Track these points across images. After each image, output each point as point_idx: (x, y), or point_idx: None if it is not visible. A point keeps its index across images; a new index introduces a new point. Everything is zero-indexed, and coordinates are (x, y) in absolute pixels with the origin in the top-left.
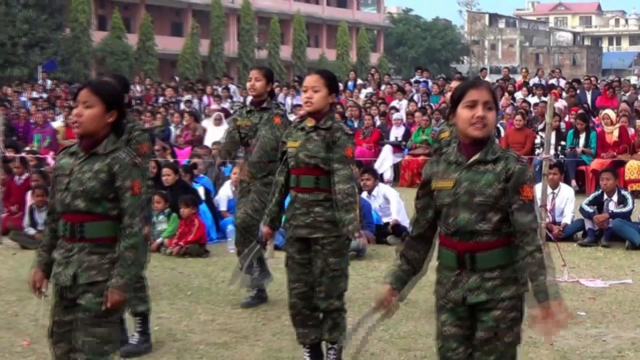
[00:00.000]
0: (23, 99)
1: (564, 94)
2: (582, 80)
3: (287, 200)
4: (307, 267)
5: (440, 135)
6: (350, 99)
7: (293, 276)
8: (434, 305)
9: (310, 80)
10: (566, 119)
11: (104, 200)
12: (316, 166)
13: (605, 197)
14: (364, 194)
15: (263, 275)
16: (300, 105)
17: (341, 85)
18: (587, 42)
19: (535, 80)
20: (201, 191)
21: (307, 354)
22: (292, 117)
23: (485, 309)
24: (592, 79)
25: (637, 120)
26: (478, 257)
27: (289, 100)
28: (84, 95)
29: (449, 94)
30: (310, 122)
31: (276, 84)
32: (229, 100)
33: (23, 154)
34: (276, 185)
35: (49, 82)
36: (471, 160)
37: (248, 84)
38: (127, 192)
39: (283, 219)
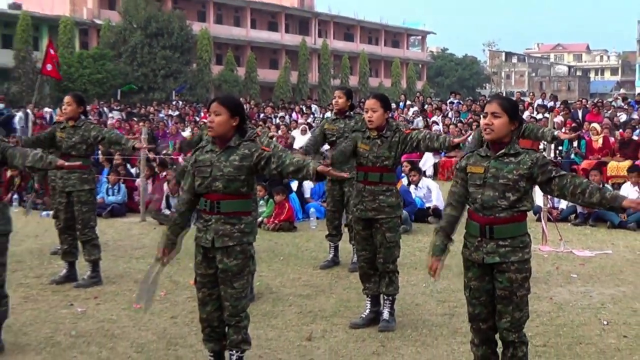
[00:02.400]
0: (161, 115)
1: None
2: (574, 102)
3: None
4: (370, 239)
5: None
6: (402, 115)
7: (360, 247)
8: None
9: (370, 103)
10: (562, 130)
11: (236, 181)
12: (382, 165)
13: None
14: (412, 186)
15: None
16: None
17: (394, 105)
18: (579, 73)
19: (539, 101)
20: (293, 184)
21: (369, 303)
22: None
23: (500, 270)
24: (582, 100)
25: (616, 132)
26: (495, 228)
27: None
28: (214, 106)
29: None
30: (373, 133)
31: None
32: (312, 116)
33: (162, 156)
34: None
35: (180, 103)
36: (498, 153)
37: (333, 101)
38: (263, 152)
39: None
